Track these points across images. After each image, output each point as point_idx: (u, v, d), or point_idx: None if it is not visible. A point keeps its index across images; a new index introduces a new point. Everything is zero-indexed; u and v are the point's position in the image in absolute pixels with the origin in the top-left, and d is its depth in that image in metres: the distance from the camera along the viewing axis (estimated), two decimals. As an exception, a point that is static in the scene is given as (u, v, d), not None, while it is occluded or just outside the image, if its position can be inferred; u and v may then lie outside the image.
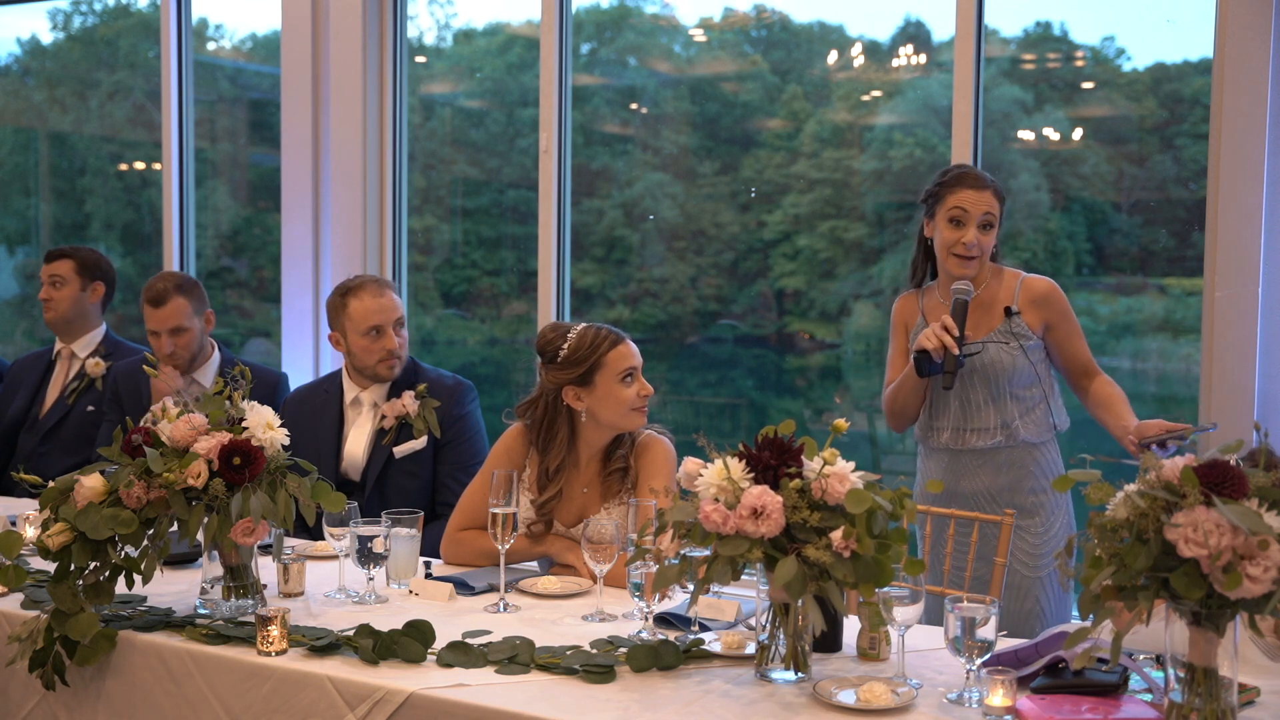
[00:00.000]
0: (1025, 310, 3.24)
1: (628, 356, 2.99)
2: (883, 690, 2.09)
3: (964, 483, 3.23)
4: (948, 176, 3.25)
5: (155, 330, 3.98)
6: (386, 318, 3.56)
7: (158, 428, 2.56)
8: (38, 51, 6.83)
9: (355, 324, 3.56)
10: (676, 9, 5.77)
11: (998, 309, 3.24)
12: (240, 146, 6.39)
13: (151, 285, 4.02)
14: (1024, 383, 3.22)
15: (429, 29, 6.05)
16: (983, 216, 3.18)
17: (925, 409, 3.32)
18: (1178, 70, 4.82)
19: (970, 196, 3.19)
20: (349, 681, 2.24)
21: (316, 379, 4.08)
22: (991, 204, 3.19)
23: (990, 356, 3.19)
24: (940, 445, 3.27)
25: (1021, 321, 3.22)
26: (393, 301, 3.59)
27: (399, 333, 3.58)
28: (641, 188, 5.97)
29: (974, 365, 3.20)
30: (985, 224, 3.19)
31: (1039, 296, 3.24)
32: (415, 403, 3.57)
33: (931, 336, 3.10)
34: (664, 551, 2.25)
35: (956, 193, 3.20)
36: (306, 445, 3.58)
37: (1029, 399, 3.22)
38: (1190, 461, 1.81)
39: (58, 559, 2.48)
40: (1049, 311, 3.24)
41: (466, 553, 3.07)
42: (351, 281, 3.65)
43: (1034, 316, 3.23)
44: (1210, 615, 1.78)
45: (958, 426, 3.24)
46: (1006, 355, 3.20)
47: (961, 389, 3.22)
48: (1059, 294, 3.26)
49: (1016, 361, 3.20)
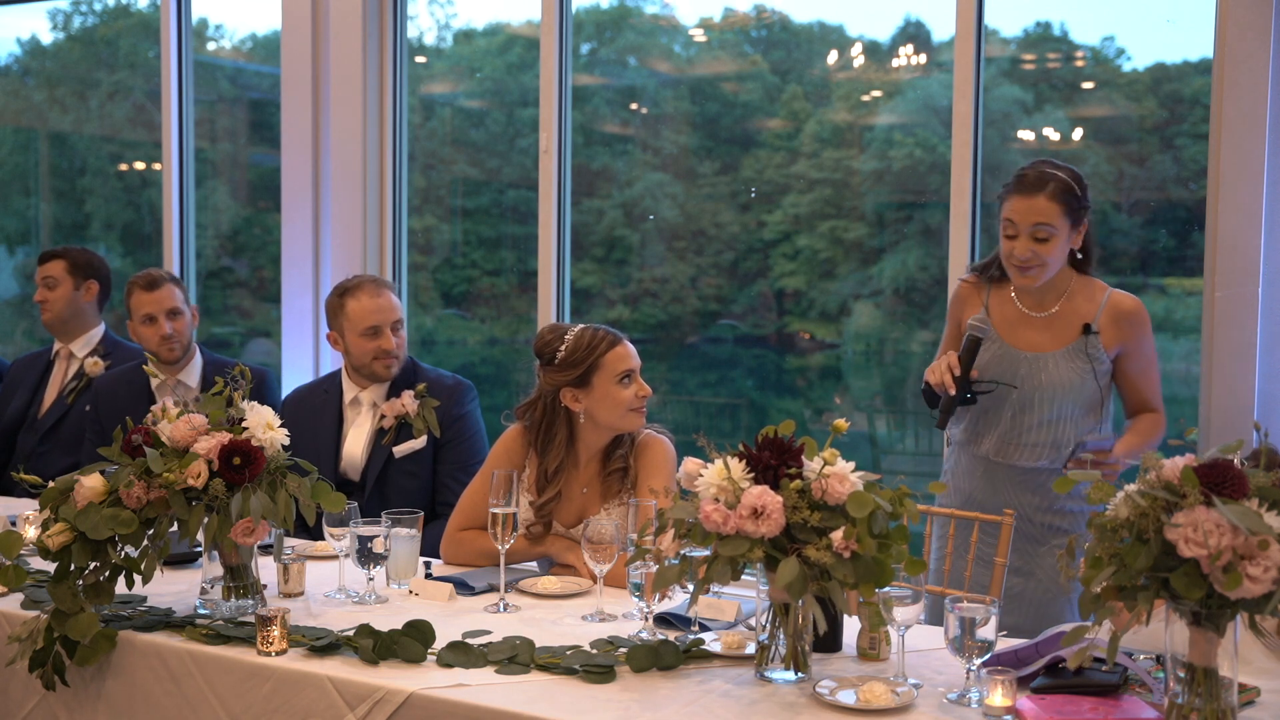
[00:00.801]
0: (1105, 330, 3.02)
1: (626, 358, 2.98)
2: (883, 690, 2.09)
3: (995, 495, 3.09)
4: (1009, 180, 3.03)
5: (152, 314, 3.97)
6: (384, 318, 3.56)
7: (158, 428, 2.56)
8: (38, 51, 6.83)
9: (353, 324, 3.56)
10: (676, 9, 5.77)
11: (1076, 324, 3.03)
12: (240, 146, 6.39)
13: (142, 274, 4.05)
14: (1087, 408, 3.04)
15: (429, 29, 6.06)
16: (1033, 228, 2.94)
17: (974, 413, 3.14)
18: (1178, 70, 4.82)
19: (1019, 206, 2.96)
20: (349, 681, 2.24)
21: (316, 379, 4.08)
22: (1046, 211, 2.93)
23: (1056, 374, 3.02)
24: (980, 453, 3.13)
25: (1098, 342, 3.02)
26: (390, 302, 3.59)
27: (397, 333, 3.58)
28: (641, 188, 5.97)
29: (1038, 378, 3.02)
30: (1039, 236, 2.94)
31: (1122, 314, 3.02)
32: (415, 402, 3.57)
33: (935, 371, 2.99)
34: (664, 551, 2.25)
35: (1009, 201, 2.98)
36: (306, 445, 3.58)
37: (1086, 424, 3.05)
38: (1191, 461, 1.81)
39: (58, 559, 2.48)
40: (1128, 333, 3.02)
41: (466, 553, 3.07)
42: (350, 281, 3.65)
43: (1112, 336, 3.02)
44: (1210, 615, 1.78)
45: (1005, 439, 3.08)
46: (1074, 375, 3.01)
47: (1018, 401, 3.04)
48: (1144, 316, 3.03)
49: (1085, 384, 3.02)
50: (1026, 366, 3.05)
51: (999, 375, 3.07)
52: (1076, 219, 2.99)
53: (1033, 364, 3.05)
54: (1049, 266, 2.99)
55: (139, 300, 4.00)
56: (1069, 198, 2.96)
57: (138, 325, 4.02)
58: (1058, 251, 2.98)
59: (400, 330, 3.60)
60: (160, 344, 3.98)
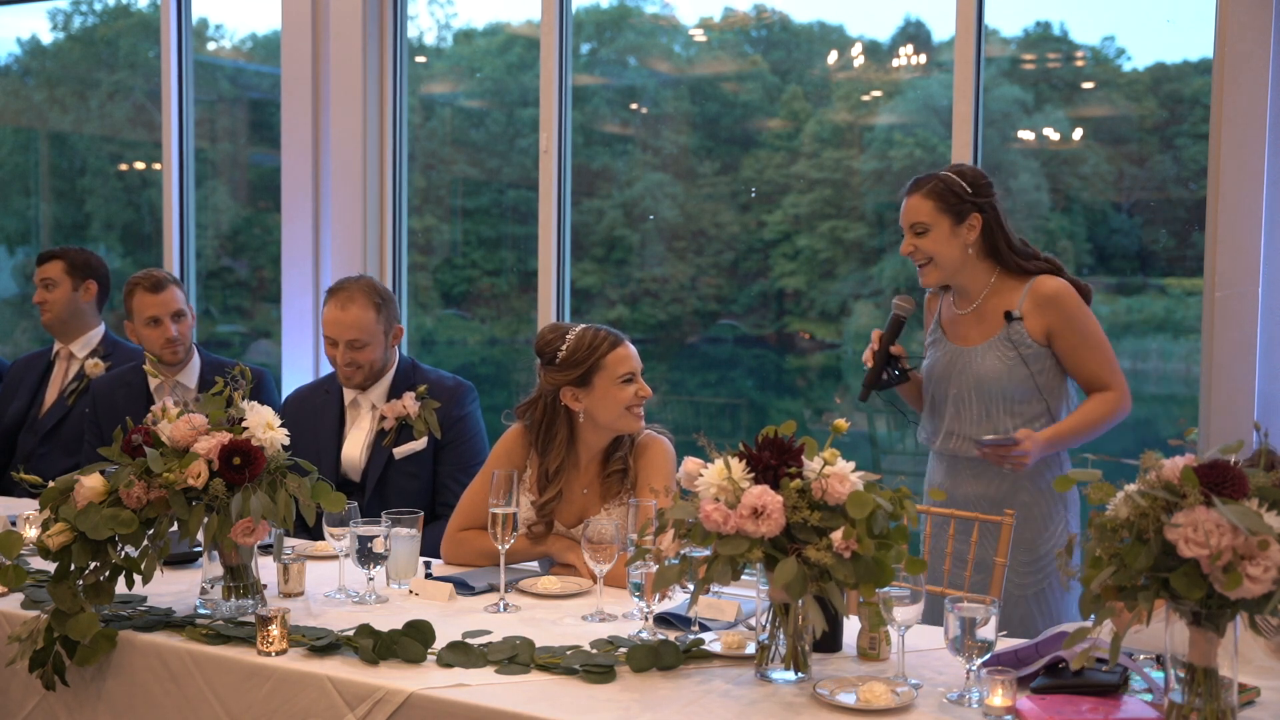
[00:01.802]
0: (1029, 315, 3.08)
1: (626, 359, 2.98)
2: (883, 690, 2.09)
3: (960, 488, 3.18)
4: None
5: (157, 316, 3.94)
6: (339, 333, 3.54)
7: (158, 428, 2.56)
8: (38, 51, 6.83)
9: (325, 333, 3.60)
10: (676, 9, 5.77)
11: (998, 315, 3.12)
12: (240, 146, 6.39)
13: (145, 275, 3.99)
14: (1021, 395, 3.09)
15: (429, 29, 6.06)
16: (910, 225, 3.12)
17: (926, 411, 3.28)
18: (1178, 70, 4.82)
19: (903, 206, 3.15)
20: (349, 681, 2.24)
21: (317, 379, 4.08)
22: (918, 209, 3.10)
23: (984, 365, 3.11)
24: (937, 449, 3.25)
25: (1022, 328, 3.08)
26: (351, 317, 3.52)
27: (354, 348, 3.54)
28: (641, 188, 5.97)
29: (970, 371, 3.13)
30: (915, 229, 3.11)
31: (1042, 297, 3.07)
32: (416, 404, 3.57)
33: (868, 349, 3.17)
34: (664, 551, 2.25)
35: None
36: (307, 445, 3.57)
37: (1027, 412, 3.10)
38: (1191, 461, 1.81)
39: (58, 559, 2.48)
40: (1053, 316, 3.06)
41: (467, 553, 3.07)
42: (332, 285, 3.65)
43: (1037, 322, 3.08)
44: (1210, 615, 1.78)
45: (951, 431, 3.18)
46: (1000, 364, 3.09)
47: (957, 395, 3.16)
48: (1067, 297, 3.06)
49: (1012, 371, 3.08)
50: (962, 361, 3.16)
51: (947, 374, 3.19)
52: (959, 214, 3.10)
53: (966, 358, 3.16)
54: (937, 260, 3.11)
55: (142, 302, 3.96)
56: (945, 195, 3.09)
57: (140, 328, 3.98)
58: (940, 245, 3.10)
59: (361, 347, 3.53)
60: (164, 346, 3.95)
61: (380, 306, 3.57)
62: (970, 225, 3.10)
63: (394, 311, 3.65)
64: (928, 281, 3.17)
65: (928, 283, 3.18)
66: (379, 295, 3.59)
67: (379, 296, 3.59)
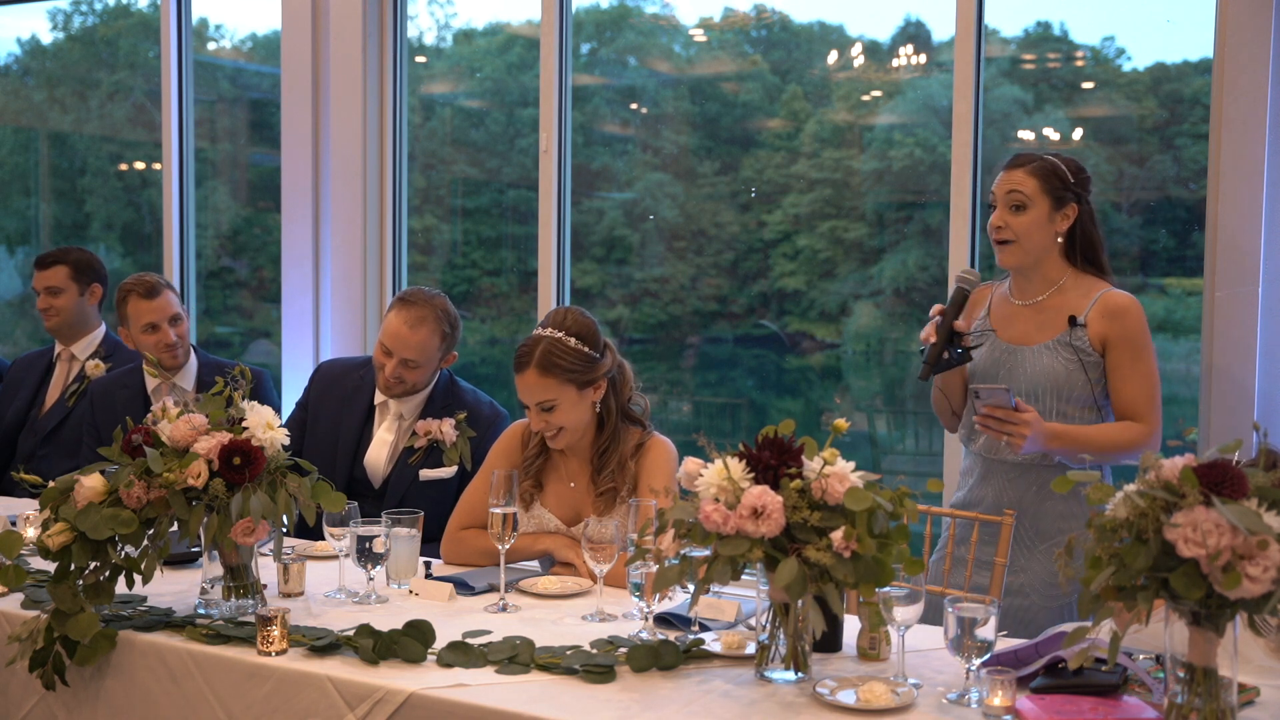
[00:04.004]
0: (1093, 322, 2.95)
1: (523, 390, 2.96)
2: (883, 690, 2.09)
3: (991, 493, 3.04)
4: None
5: (155, 322, 3.92)
6: (398, 349, 3.43)
7: (158, 428, 2.56)
8: (38, 51, 6.83)
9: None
10: (676, 9, 5.77)
11: (1061, 316, 2.98)
12: (240, 146, 6.39)
13: (138, 281, 3.96)
14: (1078, 401, 2.95)
15: (429, 29, 6.06)
16: (1008, 196, 2.97)
17: (968, 409, 3.08)
18: (1178, 70, 4.82)
19: (1001, 179, 3.00)
20: (349, 681, 2.24)
21: (353, 357, 3.96)
22: (1022, 182, 2.96)
23: (1040, 365, 2.96)
24: (975, 449, 3.10)
25: (1085, 335, 2.94)
26: (418, 339, 3.43)
27: (407, 366, 3.46)
28: (641, 188, 5.97)
29: (1021, 371, 2.98)
30: (1013, 204, 2.96)
31: (1111, 308, 2.94)
32: (454, 432, 3.48)
33: (927, 325, 2.97)
34: (664, 551, 2.25)
35: (996, 179, 3.03)
36: (327, 429, 3.55)
37: (1080, 419, 2.96)
38: (1190, 461, 1.81)
39: (58, 559, 2.48)
40: (1116, 328, 2.93)
41: (467, 552, 3.07)
42: (405, 295, 3.56)
43: (1098, 329, 2.94)
44: (1210, 615, 1.78)
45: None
46: (1059, 366, 2.94)
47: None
48: (1137, 315, 2.93)
49: (1071, 376, 2.94)
50: (1012, 360, 3.02)
51: (993, 374, 3.04)
52: (1059, 200, 2.98)
53: (1018, 357, 3.01)
54: (1023, 242, 2.97)
55: (137, 309, 3.93)
56: (1050, 176, 2.97)
57: (137, 334, 3.95)
58: (1033, 227, 2.96)
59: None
60: (164, 351, 3.93)
61: (447, 335, 3.49)
62: (1065, 215, 2.99)
63: (457, 340, 3.55)
64: (1004, 261, 3.02)
65: (1004, 263, 3.02)
66: (449, 323, 3.50)
67: (449, 324, 3.50)
